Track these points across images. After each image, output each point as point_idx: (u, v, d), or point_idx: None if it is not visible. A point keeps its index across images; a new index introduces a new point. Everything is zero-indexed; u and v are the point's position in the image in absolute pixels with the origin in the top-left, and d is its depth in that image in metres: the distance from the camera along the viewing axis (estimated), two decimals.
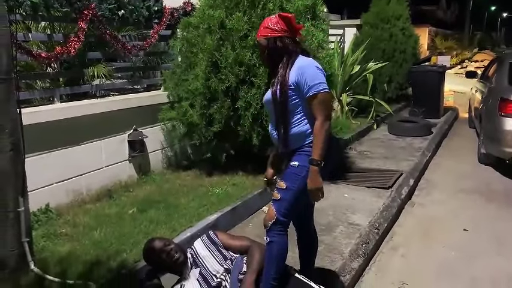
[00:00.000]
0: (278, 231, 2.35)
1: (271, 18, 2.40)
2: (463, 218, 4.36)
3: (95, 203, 4.09)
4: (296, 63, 2.33)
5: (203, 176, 4.77)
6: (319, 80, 2.26)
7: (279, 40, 2.34)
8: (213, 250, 2.57)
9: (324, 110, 2.26)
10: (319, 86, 2.25)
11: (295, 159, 2.34)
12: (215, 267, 2.50)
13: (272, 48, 2.36)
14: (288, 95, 2.30)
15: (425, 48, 16.54)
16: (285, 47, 2.35)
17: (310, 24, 4.56)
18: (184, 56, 4.81)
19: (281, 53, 2.35)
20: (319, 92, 2.25)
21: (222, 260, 2.54)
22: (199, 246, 2.60)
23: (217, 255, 2.55)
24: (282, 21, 2.36)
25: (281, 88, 2.30)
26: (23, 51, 3.72)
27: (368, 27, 9.67)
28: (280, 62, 2.36)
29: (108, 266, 2.92)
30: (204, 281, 2.47)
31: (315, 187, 2.26)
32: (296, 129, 2.34)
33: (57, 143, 3.90)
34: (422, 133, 7.34)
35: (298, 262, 2.80)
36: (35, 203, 3.61)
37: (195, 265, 2.55)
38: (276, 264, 2.38)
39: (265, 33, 2.37)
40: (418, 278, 3.33)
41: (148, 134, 4.80)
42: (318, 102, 2.26)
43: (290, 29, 2.38)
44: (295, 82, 2.28)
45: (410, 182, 5.17)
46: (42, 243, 3.22)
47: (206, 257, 2.54)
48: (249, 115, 4.37)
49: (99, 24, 4.15)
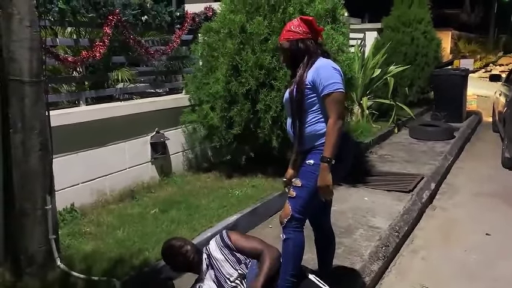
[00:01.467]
0: (294, 228, 2.39)
1: (293, 21, 2.48)
2: (484, 222, 4.30)
3: (118, 203, 4.19)
4: (315, 64, 2.39)
5: (223, 178, 4.83)
6: (334, 79, 2.31)
7: (301, 42, 2.41)
8: (227, 253, 2.57)
9: (337, 109, 2.30)
10: (334, 85, 2.30)
11: (311, 157, 2.39)
12: (229, 271, 2.51)
13: (294, 50, 2.42)
14: (304, 94, 2.36)
15: (448, 52, 16.27)
16: (307, 49, 2.41)
17: (330, 28, 4.59)
18: (205, 60, 4.90)
19: (303, 55, 2.42)
20: (333, 92, 2.30)
21: (235, 263, 2.54)
22: (214, 248, 2.61)
23: (230, 258, 2.55)
24: (304, 24, 2.43)
25: (298, 87, 2.37)
26: (51, 56, 3.85)
27: (389, 30, 9.61)
28: (296, 61, 2.44)
29: (131, 263, 2.99)
30: (219, 283, 2.50)
31: (325, 184, 2.31)
32: (311, 128, 2.40)
33: (83, 144, 4.02)
34: (444, 137, 7.25)
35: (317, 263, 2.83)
36: (60, 202, 3.70)
37: (211, 266, 2.57)
38: (293, 261, 2.42)
39: (288, 36, 2.43)
40: (438, 280, 3.31)
41: (170, 136, 4.89)
42: (332, 101, 2.31)
43: (312, 32, 2.45)
44: (312, 81, 2.35)
45: (432, 185, 5.12)
46: (67, 241, 3.31)
47: (220, 260, 2.55)
48: (268, 118, 4.42)
49: (123, 29, 4.27)
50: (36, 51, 2.66)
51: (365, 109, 7.55)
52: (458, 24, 23.20)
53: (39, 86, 2.70)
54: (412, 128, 7.66)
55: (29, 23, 2.62)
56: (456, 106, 8.55)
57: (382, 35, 9.77)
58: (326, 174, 2.30)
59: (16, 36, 2.58)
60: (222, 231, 2.71)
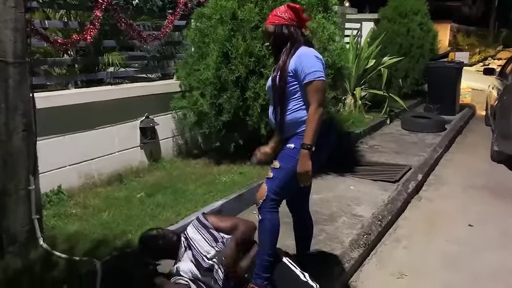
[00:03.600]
0: (269, 209, 2.44)
1: (281, 7, 2.52)
2: (469, 214, 4.36)
3: (106, 186, 4.22)
4: (297, 52, 2.42)
5: (212, 165, 4.86)
6: (315, 68, 2.35)
7: (286, 28, 2.45)
8: (204, 233, 2.65)
9: (318, 97, 2.34)
10: (315, 73, 2.34)
11: (292, 141, 2.44)
12: (205, 249, 2.59)
13: (278, 35, 2.46)
14: (287, 81, 2.40)
15: (446, 45, 16.24)
16: (290, 35, 2.45)
17: (322, 17, 4.59)
18: (197, 46, 4.89)
19: (285, 41, 2.46)
20: (314, 80, 2.34)
21: (212, 241, 2.62)
22: (191, 230, 2.69)
23: (207, 237, 2.64)
24: (291, 10, 2.48)
25: (280, 74, 2.41)
26: (40, 37, 3.84)
27: (385, 21, 9.58)
28: (280, 48, 2.47)
29: (114, 245, 3.03)
30: (197, 262, 2.57)
31: (304, 170, 2.35)
32: (293, 115, 2.43)
33: (71, 127, 4.03)
34: (436, 129, 7.28)
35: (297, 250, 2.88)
36: (47, 184, 3.76)
37: (188, 247, 2.65)
38: (270, 240, 2.46)
39: (273, 21, 2.48)
40: (418, 269, 3.37)
41: (161, 122, 4.91)
42: (313, 89, 2.34)
43: (297, 19, 2.49)
44: (294, 69, 2.39)
45: (419, 176, 5.16)
46: (52, 222, 3.35)
47: (197, 240, 2.62)
48: (257, 105, 4.44)
49: (114, 12, 4.25)
50: (20, 32, 2.67)
51: (358, 99, 7.56)
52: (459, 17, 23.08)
53: (24, 67, 2.72)
54: (404, 119, 7.69)
55: (14, 3, 2.63)
56: (449, 99, 8.57)
57: (379, 25, 9.74)
58: (306, 161, 2.34)
59: (0, 17, 2.58)
60: (199, 216, 2.78)
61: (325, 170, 5.01)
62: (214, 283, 2.51)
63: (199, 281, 2.54)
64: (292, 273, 2.49)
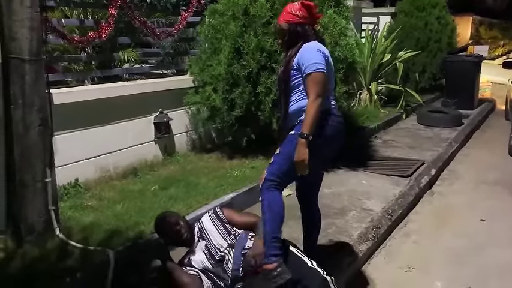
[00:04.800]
0: (267, 188, 2.47)
1: (294, 4, 2.56)
2: (481, 209, 4.33)
3: (121, 179, 4.34)
4: (303, 46, 2.50)
5: (224, 159, 4.94)
6: (315, 60, 2.42)
7: (300, 26, 2.52)
8: (219, 225, 2.71)
9: (316, 88, 2.40)
10: (314, 65, 2.41)
11: (294, 128, 2.51)
12: (219, 241, 2.64)
13: (292, 32, 2.53)
14: (291, 75, 2.49)
15: (468, 38, 15.92)
16: (304, 33, 2.53)
17: (333, 12, 4.60)
18: (210, 42, 4.97)
19: (299, 38, 2.52)
20: (313, 72, 2.41)
21: (226, 235, 2.67)
22: (206, 221, 2.76)
23: (221, 230, 2.69)
24: (304, 8, 2.53)
25: (285, 68, 2.51)
26: (57, 35, 3.97)
27: (403, 15, 9.48)
28: (290, 44, 2.54)
29: (127, 235, 3.14)
30: (209, 253, 2.62)
31: (300, 159, 2.39)
32: (296, 104, 2.52)
33: (88, 122, 4.15)
34: (452, 124, 7.20)
35: None
36: (65, 177, 3.89)
37: (202, 238, 2.71)
38: (272, 218, 2.44)
39: (288, 18, 2.54)
40: (426, 263, 3.38)
41: (174, 117, 5.01)
42: (312, 80, 2.41)
43: (310, 17, 2.56)
44: (297, 63, 2.48)
45: (432, 171, 5.14)
46: (69, 214, 3.48)
47: (211, 231, 2.69)
48: (269, 100, 4.49)
49: (128, 10, 4.36)
50: (36, 30, 2.79)
51: (373, 94, 7.53)
52: (483, 9, 22.57)
53: (39, 64, 2.84)
54: (420, 114, 7.62)
55: (30, 3, 2.74)
56: (467, 93, 8.43)
57: (396, 19, 9.65)
58: (302, 149, 2.38)
59: (17, 16, 2.71)
60: (215, 207, 2.85)
61: (337, 165, 5.04)
62: (224, 273, 2.56)
63: (210, 271, 2.59)
64: (299, 259, 2.51)
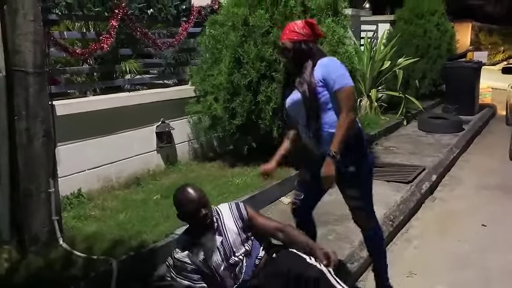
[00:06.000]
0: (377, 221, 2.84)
1: (297, 23, 2.56)
2: (483, 214, 4.34)
3: (124, 189, 4.38)
4: (319, 63, 2.46)
5: (226, 167, 4.98)
6: (343, 73, 2.42)
7: (304, 44, 2.50)
8: (239, 226, 2.43)
9: (348, 103, 2.38)
10: (344, 79, 2.40)
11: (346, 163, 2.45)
12: (237, 245, 2.40)
13: (298, 51, 2.50)
14: (317, 92, 2.42)
15: (468, 44, 15.99)
16: (309, 50, 2.51)
17: (331, 21, 4.67)
18: (210, 52, 5.03)
19: (305, 56, 2.49)
20: (344, 86, 2.39)
21: (245, 239, 2.43)
22: (227, 216, 2.45)
23: (241, 232, 2.42)
24: (308, 26, 2.53)
25: (309, 87, 2.42)
26: (59, 48, 4.04)
27: (402, 22, 9.56)
28: (303, 64, 2.48)
29: (129, 244, 3.17)
30: (224, 253, 2.38)
31: (328, 174, 2.42)
32: (330, 128, 2.44)
33: (90, 132, 4.20)
34: (453, 130, 7.22)
35: None
36: (68, 187, 3.94)
37: (218, 232, 2.39)
38: None
39: (292, 37, 2.51)
40: (428, 269, 3.39)
41: (176, 126, 5.06)
42: (344, 95, 2.38)
43: (313, 34, 2.55)
44: (322, 78, 2.42)
45: (433, 177, 5.16)
46: (72, 224, 3.51)
47: (231, 231, 2.40)
48: (269, 109, 4.54)
49: (129, 22, 4.43)
50: (39, 43, 2.84)
51: (373, 101, 7.57)
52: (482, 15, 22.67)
53: (43, 76, 2.89)
54: (421, 120, 7.65)
55: (33, 17, 2.80)
56: (468, 99, 8.47)
57: (395, 27, 9.72)
58: (330, 166, 2.40)
59: (21, 30, 2.76)
60: (238, 202, 2.57)
61: None
62: (229, 278, 2.39)
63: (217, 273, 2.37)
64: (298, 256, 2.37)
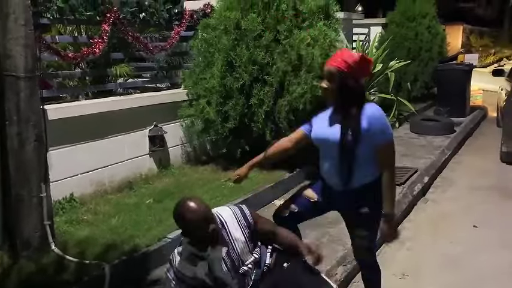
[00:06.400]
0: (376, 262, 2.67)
1: (353, 54, 2.31)
2: (475, 215, 4.38)
3: (116, 193, 4.37)
4: (366, 110, 2.27)
5: (219, 171, 4.98)
6: (389, 129, 2.32)
7: (352, 80, 2.26)
8: (247, 235, 2.23)
9: (392, 160, 2.33)
10: (389, 135, 2.30)
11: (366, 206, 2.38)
12: (246, 255, 2.23)
13: (343, 85, 2.26)
14: (360, 141, 2.26)
15: (459, 47, 16.12)
16: (355, 88, 2.28)
17: (323, 24, 4.70)
18: (202, 55, 5.04)
19: (351, 92, 2.27)
20: (389, 142, 2.30)
21: (252, 248, 2.26)
22: (232, 223, 2.22)
23: (249, 242, 2.24)
24: (363, 62, 2.28)
25: (354, 134, 2.25)
26: (51, 52, 4.03)
27: (394, 25, 9.62)
28: (347, 101, 2.28)
29: (122, 249, 3.17)
30: (232, 264, 2.20)
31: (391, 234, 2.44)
32: (363, 180, 2.35)
33: (83, 136, 4.19)
34: (445, 132, 7.28)
35: None
36: (60, 192, 3.92)
37: (224, 243, 2.19)
38: None
39: (341, 66, 2.25)
40: (420, 270, 3.41)
41: (169, 130, 5.06)
42: (388, 151, 2.31)
43: (364, 73, 2.36)
44: (367, 129, 2.24)
45: (425, 179, 5.19)
46: (64, 228, 3.50)
47: (239, 241, 2.21)
48: (262, 112, 4.56)
49: (121, 26, 4.43)
50: (30, 48, 2.84)
51: None
52: (473, 18, 22.89)
53: (34, 81, 2.89)
54: (413, 122, 7.70)
55: (24, 21, 2.80)
56: (459, 101, 8.53)
57: (387, 30, 9.78)
58: (392, 227, 2.40)
59: (11, 34, 2.76)
60: (242, 207, 2.34)
61: None
62: (236, 285, 2.23)
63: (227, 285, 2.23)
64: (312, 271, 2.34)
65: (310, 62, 4.53)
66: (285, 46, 4.59)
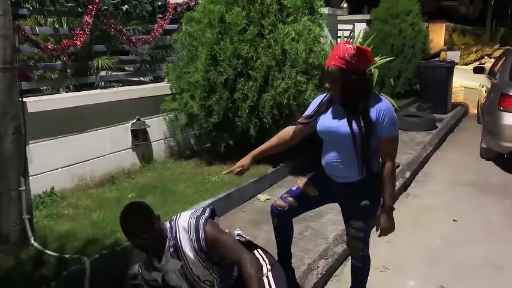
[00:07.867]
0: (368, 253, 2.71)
1: (348, 49, 2.24)
2: (455, 209, 4.45)
3: (98, 188, 4.33)
4: (374, 102, 2.29)
5: (203, 165, 4.96)
6: (396, 122, 2.34)
7: (354, 74, 2.24)
8: (201, 258, 2.13)
9: (395, 153, 2.36)
10: (395, 128, 2.34)
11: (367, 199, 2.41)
12: (199, 272, 2.17)
13: (347, 82, 2.25)
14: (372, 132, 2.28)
15: (442, 44, 16.32)
16: (360, 82, 2.27)
17: (308, 19, 4.69)
18: (186, 49, 5.00)
19: (356, 87, 2.27)
20: (394, 135, 2.34)
21: (209, 265, 2.16)
22: (185, 243, 2.11)
23: (204, 262, 2.14)
24: (361, 54, 2.25)
25: (366, 125, 2.25)
26: (31, 43, 3.95)
27: (378, 22, 9.68)
28: (354, 95, 2.28)
29: (103, 243, 3.14)
30: (186, 278, 2.18)
31: (388, 227, 2.48)
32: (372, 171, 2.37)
33: (63, 130, 4.13)
34: (426, 128, 7.38)
35: None
36: (40, 186, 3.86)
37: (177, 256, 2.14)
38: None
39: (340, 64, 2.23)
40: (401, 263, 3.46)
41: (152, 124, 5.01)
42: (392, 144, 2.33)
43: (365, 63, 2.34)
44: (376, 121, 2.26)
45: (407, 174, 5.25)
46: (44, 223, 3.45)
47: (191, 261, 2.14)
48: (246, 106, 4.54)
49: (103, 18, 4.36)
50: (9, 38, 2.78)
51: None
52: (456, 16, 23.18)
53: (13, 72, 2.82)
54: None
55: (2, 11, 2.73)
56: (441, 98, 8.66)
57: (371, 26, 9.84)
58: (391, 220, 2.44)
59: None
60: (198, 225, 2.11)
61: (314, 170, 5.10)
62: None
63: None
64: None
65: (295, 56, 4.53)
66: (269, 41, 4.57)
